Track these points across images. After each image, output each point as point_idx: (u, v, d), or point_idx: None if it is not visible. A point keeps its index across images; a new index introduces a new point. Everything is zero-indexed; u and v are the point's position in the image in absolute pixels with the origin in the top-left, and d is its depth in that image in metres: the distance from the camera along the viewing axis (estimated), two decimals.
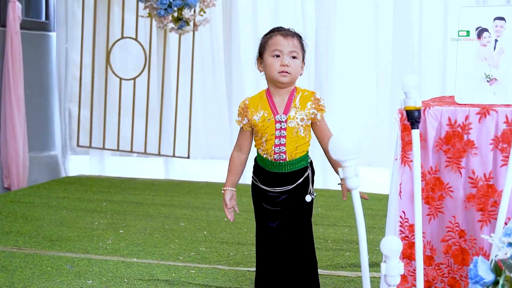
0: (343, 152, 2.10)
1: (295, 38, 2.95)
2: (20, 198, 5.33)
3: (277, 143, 2.91)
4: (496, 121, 2.45)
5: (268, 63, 2.93)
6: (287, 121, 2.90)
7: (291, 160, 2.92)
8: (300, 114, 2.91)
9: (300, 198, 2.96)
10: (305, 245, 3.01)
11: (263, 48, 2.97)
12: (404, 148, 2.55)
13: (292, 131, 2.90)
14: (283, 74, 2.90)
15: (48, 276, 3.46)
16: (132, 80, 6.36)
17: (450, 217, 2.54)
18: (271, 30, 3.02)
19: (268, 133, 2.92)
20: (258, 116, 2.93)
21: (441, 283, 2.58)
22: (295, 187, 2.96)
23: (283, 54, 2.91)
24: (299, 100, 2.94)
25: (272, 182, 2.97)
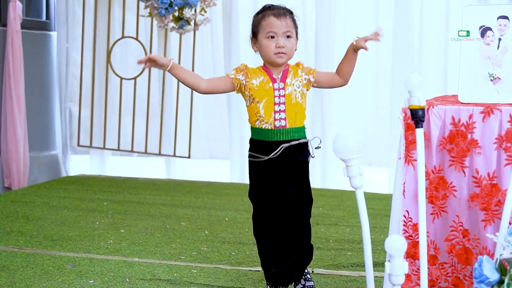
0: (347, 150, 2.10)
1: (287, 17, 3.00)
2: (21, 198, 5.32)
3: (277, 109, 2.98)
4: (500, 120, 2.45)
5: (263, 44, 2.99)
6: (285, 88, 2.99)
7: (291, 127, 3.00)
8: (295, 81, 3.01)
9: (300, 162, 3.03)
10: (307, 204, 3.09)
11: (256, 29, 3.02)
12: (407, 147, 2.55)
13: (290, 97, 2.98)
14: (279, 56, 2.98)
15: (50, 276, 3.45)
16: (133, 80, 6.36)
17: (454, 217, 2.54)
18: (262, 8, 3.06)
19: (266, 99, 2.97)
20: (258, 80, 3.00)
21: (445, 282, 2.58)
22: (293, 150, 3.00)
23: (277, 36, 2.97)
24: (292, 68, 3.04)
25: (270, 150, 2.99)
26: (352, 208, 5.11)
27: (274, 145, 2.99)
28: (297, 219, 3.08)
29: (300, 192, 3.07)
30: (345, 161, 2.12)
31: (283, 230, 3.07)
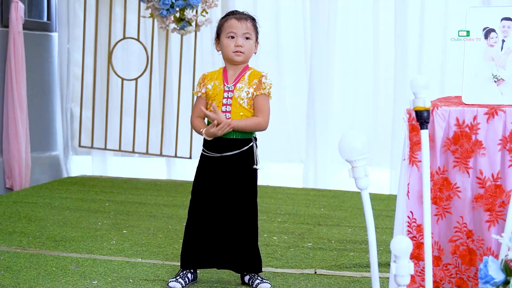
0: (353, 151, 2.10)
1: (248, 21, 3.29)
2: (23, 199, 5.33)
3: (224, 109, 3.23)
4: (504, 121, 2.46)
5: (224, 43, 3.27)
6: (234, 91, 3.25)
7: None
8: (246, 87, 3.25)
9: (245, 166, 3.27)
10: (247, 215, 3.31)
11: (219, 30, 3.31)
12: (412, 149, 2.56)
13: (236, 100, 3.24)
14: (237, 54, 3.25)
15: (54, 277, 3.46)
16: (134, 81, 6.36)
17: (458, 218, 2.54)
18: (227, 13, 3.36)
19: (217, 100, 3.24)
20: (211, 84, 3.29)
21: (449, 283, 2.58)
22: (240, 153, 3.26)
23: (237, 36, 3.26)
24: (248, 76, 3.29)
25: (216, 147, 3.26)
26: (354, 208, 5.12)
27: (220, 142, 3.25)
28: (233, 224, 3.30)
29: (240, 200, 3.29)
30: (351, 162, 2.13)
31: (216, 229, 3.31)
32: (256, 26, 3.32)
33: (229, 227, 3.29)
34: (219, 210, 3.29)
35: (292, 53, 6.30)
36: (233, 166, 3.27)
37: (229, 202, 3.28)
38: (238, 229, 3.30)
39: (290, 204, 5.30)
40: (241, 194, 3.29)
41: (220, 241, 3.30)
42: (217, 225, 3.30)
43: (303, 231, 4.46)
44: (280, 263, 3.74)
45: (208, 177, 3.30)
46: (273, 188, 5.93)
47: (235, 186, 3.28)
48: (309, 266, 3.69)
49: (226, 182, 3.27)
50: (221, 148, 3.26)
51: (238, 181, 3.28)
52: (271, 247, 4.07)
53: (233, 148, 3.26)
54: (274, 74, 6.30)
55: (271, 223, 4.67)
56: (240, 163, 3.27)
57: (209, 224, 3.30)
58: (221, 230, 3.30)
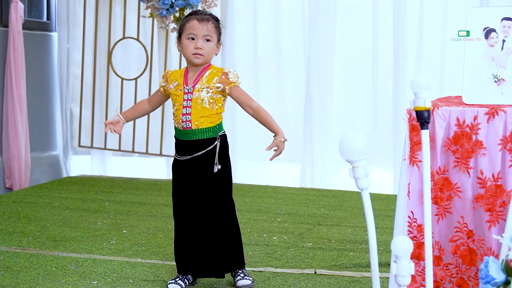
0: (354, 152, 2.10)
1: (210, 22, 3.24)
2: (23, 198, 5.33)
3: (184, 112, 3.22)
4: (504, 121, 2.46)
5: (184, 44, 3.25)
6: (193, 92, 3.22)
7: (196, 129, 3.22)
8: (205, 87, 3.22)
9: (208, 167, 3.25)
10: (221, 216, 3.28)
11: (181, 30, 3.28)
12: (412, 149, 2.55)
13: (196, 101, 3.21)
14: (196, 56, 3.22)
15: (53, 277, 3.46)
16: (134, 80, 6.36)
17: (459, 217, 2.54)
18: (190, 13, 3.33)
19: (178, 103, 3.24)
20: (173, 85, 3.28)
21: (450, 283, 2.58)
22: (202, 155, 3.23)
23: (197, 38, 3.22)
24: (207, 75, 3.25)
25: (183, 150, 3.27)
26: (354, 208, 5.12)
27: (183, 144, 3.26)
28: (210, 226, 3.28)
29: (206, 200, 3.27)
30: (351, 163, 2.12)
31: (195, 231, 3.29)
32: (218, 27, 3.27)
33: (209, 230, 3.26)
34: (197, 213, 3.26)
35: (291, 52, 6.29)
36: (202, 166, 3.24)
37: (204, 203, 3.26)
38: (218, 230, 3.27)
39: (290, 204, 5.30)
40: (214, 194, 3.26)
41: (205, 247, 3.27)
42: (199, 230, 3.27)
43: (303, 231, 4.46)
44: (280, 263, 3.74)
45: (182, 181, 3.29)
46: (273, 188, 5.93)
47: (207, 187, 3.25)
48: (309, 266, 3.69)
49: (198, 183, 3.25)
50: (189, 150, 3.24)
51: (209, 181, 3.25)
52: (271, 247, 4.07)
53: (200, 149, 3.23)
54: (274, 74, 6.30)
55: (271, 223, 4.67)
56: (207, 163, 3.25)
57: (193, 230, 3.28)
58: (203, 234, 3.27)
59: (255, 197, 5.51)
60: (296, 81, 6.31)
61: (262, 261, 3.78)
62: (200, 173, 3.25)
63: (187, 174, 3.26)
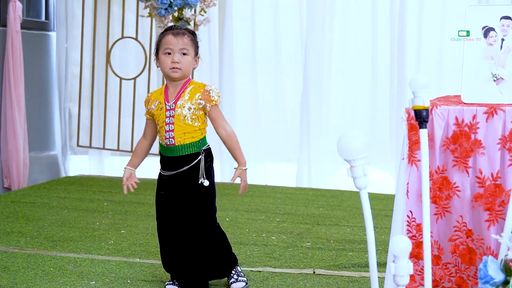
0: (352, 151, 2.09)
1: (185, 36, 3.22)
2: (21, 198, 5.32)
3: (167, 129, 3.20)
4: (503, 121, 2.45)
5: (161, 60, 3.23)
6: (175, 109, 3.19)
7: (180, 145, 3.20)
8: (187, 104, 3.19)
9: (193, 182, 3.21)
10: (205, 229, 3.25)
11: (158, 47, 3.26)
12: (411, 148, 2.55)
13: (179, 118, 3.18)
14: (174, 70, 3.19)
15: (51, 277, 3.45)
16: (132, 80, 6.35)
17: (458, 217, 2.53)
18: (165, 29, 3.31)
19: (160, 120, 3.22)
20: (154, 105, 3.25)
21: (449, 282, 2.57)
22: (186, 170, 3.21)
23: (173, 52, 3.19)
24: (189, 91, 3.22)
25: (167, 166, 3.26)
26: (353, 208, 5.11)
27: (167, 160, 3.25)
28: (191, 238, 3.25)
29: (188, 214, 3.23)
30: (349, 162, 2.12)
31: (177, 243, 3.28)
32: (195, 40, 3.25)
33: (194, 242, 3.24)
34: (181, 228, 3.24)
35: (289, 53, 6.29)
36: (186, 181, 3.22)
37: (187, 217, 3.23)
38: (203, 241, 3.25)
39: (288, 203, 5.29)
40: (197, 208, 3.23)
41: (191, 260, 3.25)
42: (184, 243, 3.25)
43: (302, 230, 4.45)
44: (278, 263, 3.73)
45: (166, 196, 3.28)
46: (272, 187, 5.93)
47: (190, 201, 3.22)
48: (307, 266, 3.68)
49: (182, 197, 3.23)
50: (173, 166, 3.23)
51: (193, 195, 3.23)
52: (269, 247, 4.06)
53: (184, 164, 3.21)
54: (272, 74, 6.29)
55: (270, 222, 4.66)
56: (191, 178, 3.22)
57: (177, 243, 3.27)
58: (188, 247, 3.25)
59: (254, 197, 5.50)
60: (294, 81, 6.30)
61: (261, 261, 3.77)
62: (184, 188, 3.22)
63: (171, 189, 3.25)
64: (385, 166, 6.01)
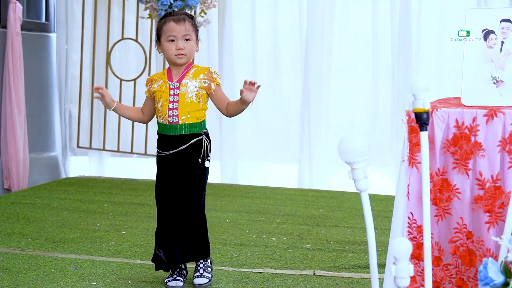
0: (353, 153, 2.10)
1: (186, 22, 3.30)
2: (21, 199, 5.33)
3: (171, 107, 3.27)
4: (503, 123, 2.46)
5: (165, 47, 3.30)
6: (180, 87, 3.28)
7: (183, 123, 3.28)
8: (191, 82, 3.29)
9: (191, 161, 3.29)
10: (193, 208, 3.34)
11: (159, 33, 3.33)
12: (411, 150, 2.56)
13: (184, 96, 3.27)
14: (179, 57, 3.28)
15: (52, 278, 3.46)
16: (132, 81, 6.36)
17: (458, 219, 2.55)
18: (164, 15, 3.37)
19: (163, 98, 3.29)
20: (157, 84, 3.34)
21: (449, 283, 2.59)
22: (187, 147, 3.29)
23: (177, 39, 3.28)
24: (193, 72, 3.32)
25: (167, 145, 3.31)
26: (352, 209, 5.12)
27: (168, 139, 3.31)
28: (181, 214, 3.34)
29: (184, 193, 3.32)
30: (350, 164, 2.13)
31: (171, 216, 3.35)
32: (195, 24, 3.34)
33: (178, 218, 3.33)
34: (174, 204, 3.33)
35: (289, 52, 6.29)
36: (185, 161, 3.30)
37: (181, 195, 3.32)
38: (185, 218, 3.33)
39: (288, 205, 5.30)
40: (192, 187, 3.32)
41: (175, 234, 3.34)
42: (173, 218, 3.34)
43: (302, 232, 4.46)
44: (279, 264, 3.74)
45: (165, 175, 3.35)
46: (272, 189, 5.94)
47: (188, 181, 3.31)
48: (308, 267, 3.69)
49: (180, 177, 3.31)
50: (173, 145, 3.30)
51: (191, 175, 3.31)
52: (269, 248, 4.07)
53: (185, 143, 3.29)
54: (271, 73, 6.30)
55: (270, 224, 4.67)
56: (191, 157, 3.30)
57: (169, 218, 3.35)
58: (176, 221, 3.34)
59: (254, 198, 5.51)
60: (293, 81, 6.31)
61: (261, 262, 3.78)
62: (183, 167, 3.30)
63: (170, 168, 3.33)
64: (385, 168, 6.02)
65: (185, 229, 3.34)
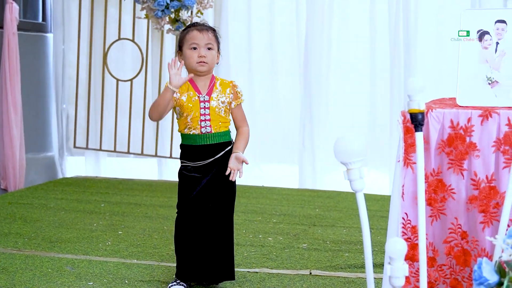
0: (349, 154, 2.11)
1: (209, 32, 3.29)
2: (18, 200, 5.33)
3: (203, 119, 3.24)
4: (498, 124, 2.47)
5: (187, 55, 3.27)
6: (210, 101, 3.26)
7: (216, 132, 3.27)
8: (221, 97, 3.28)
9: (224, 171, 3.24)
10: (229, 220, 3.33)
11: (181, 43, 3.31)
12: (406, 150, 2.57)
13: (214, 110, 3.26)
14: (201, 64, 3.25)
15: (49, 278, 3.47)
16: (129, 81, 6.37)
17: (452, 219, 2.56)
18: (187, 26, 3.37)
19: (194, 111, 3.24)
20: (185, 96, 3.25)
21: (443, 284, 2.60)
22: (220, 157, 3.27)
23: (199, 47, 3.25)
24: (220, 85, 3.31)
25: (199, 155, 3.27)
26: (349, 209, 5.13)
27: (200, 149, 3.27)
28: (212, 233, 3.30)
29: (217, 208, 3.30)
30: (346, 165, 2.14)
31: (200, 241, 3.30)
32: (217, 36, 3.33)
33: (209, 237, 3.29)
34: (203, 221, 3.28)
35: (286, 53, 6.30)
36: (219, 169, 3.26)
37: (214, 205, 3.28)
38: (216, 238, 3.29)
39: (285, 204, 5.31)
40: (228, 199, 3.31)
41: (203, 254, 3.29)
42: (201, 237, 3.28)
43: (298, 231, 4.47)
44: (275, 264, 3.75)
45: (198, 187, 3.28)
46: (269, 188, 5.94)
47: (220, 189, 3.28)
48: (304, 267, 3.70)
49: (214, 186, 3.27)
50: (207, 155, 3.27)
51: (223, 182, 3.27)
52: (266, 247, 4.08)
53: (219, 151, 3.28)
54: (268, 74, 6.31)
55: (267, 223, 4.68)
56: (225, 164, 3.26)
57: (196, 237, 3.28)
58: (203, 242, 3.28)
59: (251, 198, 5.52)
60: (292, 82, 6.30)
61: (258, 262, 3.79)
62: (221, 176, 3.26)
63: (206, 178, 3.27)
64: (384, 168, 6.03)
65: (220, 244, 3.30)
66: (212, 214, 3.28)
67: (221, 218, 3.30)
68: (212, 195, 3.27)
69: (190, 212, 3.28)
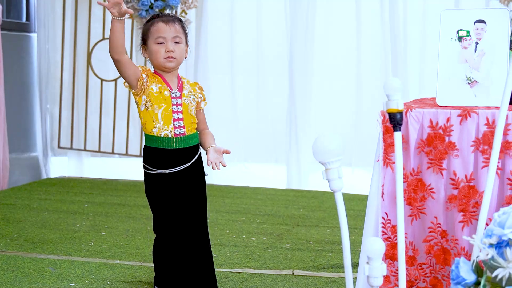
0: (327, 153, 2.11)
1: (176, 23, 3.04)
2: (1, 200, 5.30)
3: (176, 117, 3.01)
4: (477, 123, 2.48)
5: (153, 50, 3.01)
6: (181, 97, 3.04)
7: (189, 134, 3.04)
8: (191, 94, 3.07)
9: (201, 174, 3.10)
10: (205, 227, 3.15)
11: (146, 36, 3.05)
12: (386, 150, 2.57)
13: (187, 107, 3.04)
14: (169, 60, 3.01)
15: (31, 279, 3.45)
16: (113, 81, 6.35)
17: (432, 218, 2.56)
18: (151, 16, 3.10)
19: (165, 106, 2.99)
20: (157, 87, 3.01)
21: (423, 282, 2.60)
22: (192, 164, 3.06)
23: (167, 41, 3.01)
24: (187, 82, 3.11)
25: (169, 161, 3.02)
26: (333, 209, 5.13)
27: (173, 154, 3.02)
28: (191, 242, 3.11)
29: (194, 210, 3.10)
30: (324, 164, 2.14)
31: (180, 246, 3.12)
32: (184, 27, 3.08)
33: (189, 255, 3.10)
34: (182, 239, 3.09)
35: (272, 53, 6.30)
36: (193, 176, 3.08)
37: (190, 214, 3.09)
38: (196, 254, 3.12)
39: (269, 205, 5.31)
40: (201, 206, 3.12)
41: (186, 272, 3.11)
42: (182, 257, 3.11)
43: (282, 232, 4.48)
44: (258, 264, 3.75)
45: (173, 196, 3.08)
46: (253, 189, 5.94)
47: (194, 196, 3.09)
48: (287, 267, 3.70)
49: (188, 194, 3.08)
50: (179, 160, 3.04)
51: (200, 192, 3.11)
52: (249, 248, 4.08)
53: (191, 156, 3.07)
54: (254, 74, 6.30)
55: (250, 224, 4.68)
56: (198, 172, 3.09)
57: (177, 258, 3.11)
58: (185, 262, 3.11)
59: (235, 198, 5.52)
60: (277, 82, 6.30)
61: (240, 262, 3.79)
62: (194, 182, 3.08)
63: (179, 186, 3.06)
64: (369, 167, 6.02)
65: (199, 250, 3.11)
66: (188, 228, 3.07)
67: (198, 230, 3.10)
68: (185, 206, 3.07)
69: (170, 234, 3.09)
